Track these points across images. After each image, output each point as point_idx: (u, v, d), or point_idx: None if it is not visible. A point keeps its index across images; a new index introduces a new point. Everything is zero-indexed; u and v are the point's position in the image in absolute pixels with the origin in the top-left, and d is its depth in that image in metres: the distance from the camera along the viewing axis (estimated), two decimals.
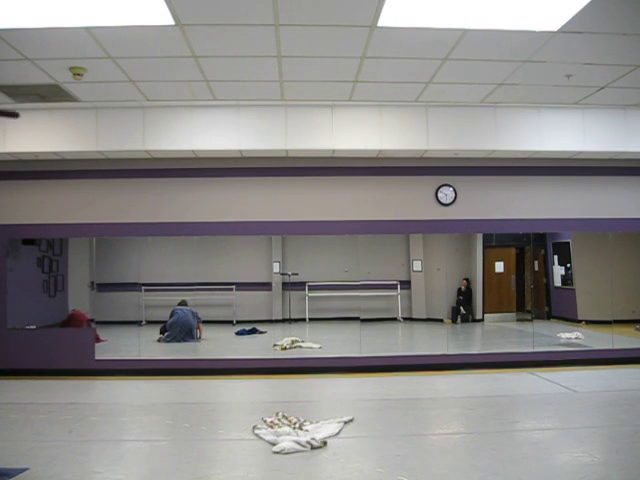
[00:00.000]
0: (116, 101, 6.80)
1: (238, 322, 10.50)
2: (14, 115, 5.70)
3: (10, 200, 7.78)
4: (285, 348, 8.54)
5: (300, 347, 8.68)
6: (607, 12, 4.42)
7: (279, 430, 4.83)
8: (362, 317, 8.96)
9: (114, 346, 8.71)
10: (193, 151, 7.34)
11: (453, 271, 10.03)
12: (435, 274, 10.19)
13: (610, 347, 8.09)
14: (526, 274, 10.20)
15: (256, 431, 4.89)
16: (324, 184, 7.93)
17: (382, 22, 4.60)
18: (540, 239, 9.68)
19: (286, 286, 10.80)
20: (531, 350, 8.05)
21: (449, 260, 9.64)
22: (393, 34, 4.86)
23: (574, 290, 9.55)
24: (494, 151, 7.51)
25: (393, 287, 10.54)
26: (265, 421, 5.15)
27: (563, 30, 4.73)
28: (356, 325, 8.67)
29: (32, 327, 7.79)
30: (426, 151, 7.47)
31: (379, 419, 5.41)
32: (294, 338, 8.92)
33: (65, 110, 7.00)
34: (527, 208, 8.06)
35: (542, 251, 10.06)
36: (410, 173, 7.98)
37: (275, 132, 7.14)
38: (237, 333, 10.06)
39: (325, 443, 4.56)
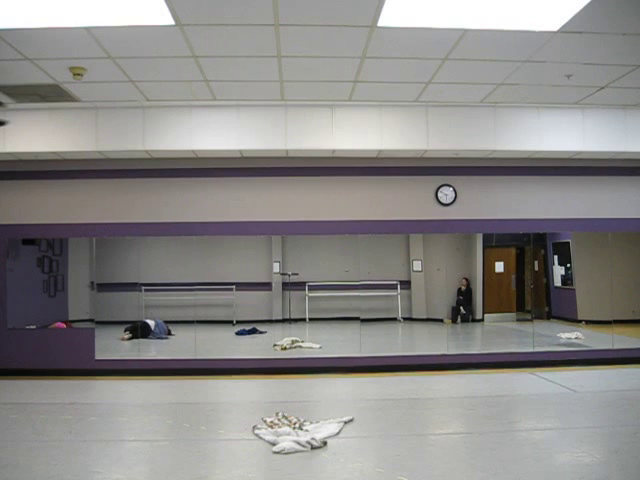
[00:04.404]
0: (116, 101, 6.80)
1: (238, 322, 10.50)
2: (1, 123, 5.72)
3: (10, 200, 7.78)
4: (285, 348, 8.54)
5: (300, 347, 8.68)
6: (607, 12, 4.42)
7: (279, 430, 4.83)
8: (362, 317, 8.95)
9: (114, 346, 8.72)
10: (193, 151, 7.34)
11: (453, 271, 10.02)
12: (435, 274, 10.19)
13: (610, 347, 8.09)
14: (526, 274, 10.20)
15: (256, 431, 4.89)
16: (324, 184, 7.93)
17: (382, 22, 4.60)
18: (540, 239, 9.68)
19: (286, 286, 10.79)
20: (531, 350, 8.05)
21: (449, 260, 9.64)
22: (393, 34, 4.86)
23: (574, 290, 9.55)
24: (494, 151, 7.51)
25: (393, 287, 10.54)
26: (265, 421, 5.15)
27: (563, 30, 4.73)
28: (356, 325, 8.67)
29: (32, 327, 7.79)
30: (426, 151, 7.48)
31: (379, 419, 5.41)
32: (294, 338, 8.92)
33: (65, 110, 7.00)
34: (527, 208, 8.06)
35: (542, 251, 10.06)
36: (410, 173, 7.98)
37: (275, 132, 7.15)
38: (237, 333, 10.05)
39: (325, 443, 4.56)
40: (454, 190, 8.00)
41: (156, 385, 7.06)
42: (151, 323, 9.67)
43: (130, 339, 9.22)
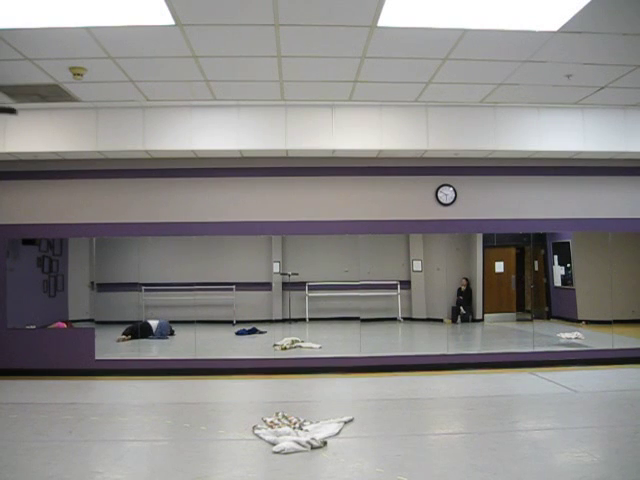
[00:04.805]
0: (116, 101, 6.80)
1: (238, 322, 10.50)
2: (12, 111, 5.72)
3: (10, 200, 7.78)
4: (285, 348, 8.54)
5: (300, 347, 8.68)
6: (607, 12, 4.42)
7: (279, 430, 4.83)
8: (362, 317, 8.96)
9: (114, 346, 8.72)
10: (193, 151, 7.34)
11: (453, 271, 10.03)
12: (435, 274, 10.20)
13: (610, 347, 8.09)
14: (526, 274, 10.21)
15: (256, 431, 4.89)
16: (324, 184, 7.93)
17: (382, 22, 4.60)
18: (540, 239, 9.68)
19: (286, 286, 10.80)
20: (531, 350, 8.05)
21: (449, 260, 9.65)
22: (393, 34, 4.86)
23: (574, 290, 9.55)
24: (494, 151, 7.51)
25: (393, 287, 10.54)
26: (265, 421, 5.15)
27: (563, 30, 4.74)
28: (356, 325, 8.67)
29: (32, 327, 7.79)
30: (426, 151, 7.48)
31: (379, 419, 5.41)
32: (294, 338, 8.92)
33: (65, 110, 7.00)
34: (527, 208, 8.06)
35: (542, 251, 10.06)
36: (410, 173, 7.98)
37: (275, 132, 7.14)
38: (237, 333, 10.06)
39: (325, 443, 4.56)
40: (454, 190, 8.00)
41: (156, 385, 7.07)
42: (154, 324, 9.64)
43: (130, 339, 9.21)
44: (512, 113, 7.30)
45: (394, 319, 10.46)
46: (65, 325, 8.18)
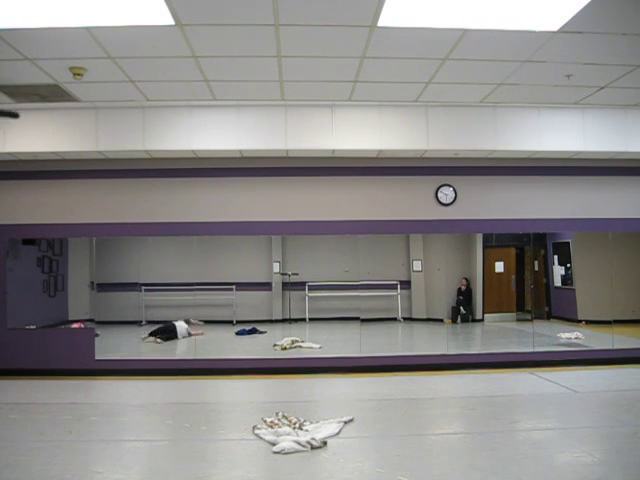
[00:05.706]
0: (116, 101, 6.80)
1: (238, 322, 10.50)
2: (14, 115, 5.75)
3: (10, 200, 7.78)
4: (285, 348, 8.54)
5: (300, 347, 8.68)
6: (607, 12, 4.42)
7: (279, 430, 4.83)
8: (362, 317, 8.96)
9: (114, 346, 8.72)
10: (193, 151, 7.34)
11: (453, 271, 10.02)
12: (435, 274, 10.19)
13: (610, 347, 8.09)
14: (526, 274, 10.21)
15: (256, 431, 4.89)
16: (324, 184, 7.93)
17: (382, 22, 4.60)
18: (540, 239, 9.68)
19: (286, 286, 10.80)
20: (531, 350, 8.05)
21: (449, 260, 9.64)
22: (393, 34, 4.86)
23: (574, 290, 9.55)
24: (494, 151, 7.51)
25: (393, 287, 10.54)
26: (265, 421, 5.15)
27: (563, 30, 4.74)
28: (356, 325, 8.67)
29: (32, 327, 7.79)
30: (426, 151, 7.48)
31: (379, 419, 5.41)
32: (294, 338, 8.92)
33: (65, 110, 7.00)
34: (527, 208, 8.06)
35: (542, 251, 10.06)
36: (410, 173, 7.98)
37: (275, 132, 7.14)
38: (237, 333, 10.06)
39: (325, 443, 4.56)
40: (454, 190, 8.00)
41: (156, 385, 7.06)
42: (182, 328, 9.60)
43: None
44: (512, 113, 7.29)
45: (394, 319, 10.46)
46: (82, 325, 8.17)
